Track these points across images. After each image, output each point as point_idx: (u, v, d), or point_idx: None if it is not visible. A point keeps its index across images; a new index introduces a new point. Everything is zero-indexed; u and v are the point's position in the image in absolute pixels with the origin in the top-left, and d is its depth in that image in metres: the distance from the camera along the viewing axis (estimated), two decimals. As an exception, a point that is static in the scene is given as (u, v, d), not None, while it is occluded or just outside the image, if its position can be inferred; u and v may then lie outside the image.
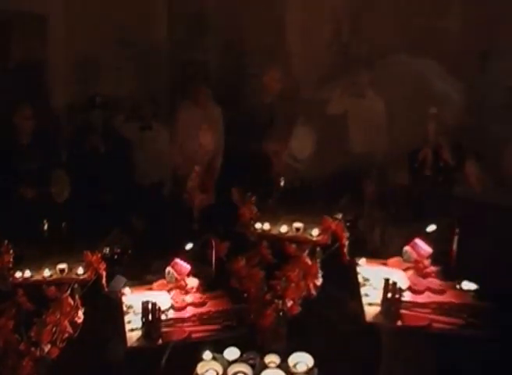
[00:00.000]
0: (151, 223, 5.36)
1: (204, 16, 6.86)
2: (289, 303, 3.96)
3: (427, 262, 4.29)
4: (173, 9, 6.86)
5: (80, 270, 4.33)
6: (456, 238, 4.43)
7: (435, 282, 4.17)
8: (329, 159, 5.75)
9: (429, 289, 4.10)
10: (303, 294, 4.01)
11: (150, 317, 3.82)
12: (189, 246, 4.56)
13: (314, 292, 4.05)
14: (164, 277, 4.29)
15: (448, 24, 6.34)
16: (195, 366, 3.55)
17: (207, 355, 3.63)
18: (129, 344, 3.77)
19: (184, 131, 6.06)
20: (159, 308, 3.85)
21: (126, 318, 3.96)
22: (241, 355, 3.64)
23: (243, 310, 3.98)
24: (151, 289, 4.21)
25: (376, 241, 5.10)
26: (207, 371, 3.56)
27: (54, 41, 6.47)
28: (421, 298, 4.02)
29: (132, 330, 3.86)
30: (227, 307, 4.00)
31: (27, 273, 4.36)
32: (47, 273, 4.36)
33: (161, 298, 4.04)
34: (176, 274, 4.23)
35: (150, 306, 3.82)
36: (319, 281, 4.10)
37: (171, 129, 6.13)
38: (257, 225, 4.74)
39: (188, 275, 4.22)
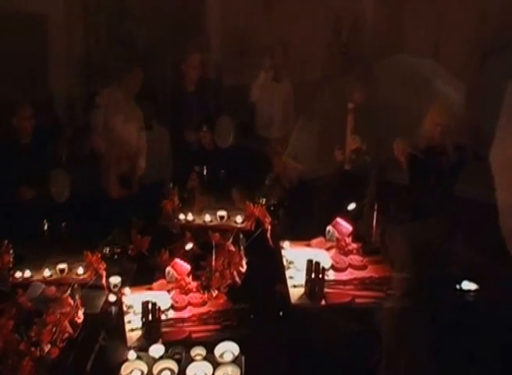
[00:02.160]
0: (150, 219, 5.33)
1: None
2: (215, 293, 4.02)
3: (348, 239, 4.42)
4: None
5: (80, 270, 4.35)
6: (375, 214, 4.51)
7: (356, 258, 4.31)
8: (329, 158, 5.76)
9: (351, 266, 4.24)
10: (228, 283, 4.07)
11: (150, 317, 3.83)
12: (189, 246, 4.56)
13: (238, 280, 4.10)
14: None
15: (448, 23, 6.33)
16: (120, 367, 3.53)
17: (131, 354, 3.60)
18: (129, 344, 3.77)
19: (107, 115, 5.84)
20: (159, 308, 3.86)
21: (126, 318, 3.97)
22: (166, 351, 3.63)
23: (243, 310, 3.99)
24: (151, 289, 4.22)
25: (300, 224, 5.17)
26: (131, 372, 3.53)
27: (54, 40, 6.47)
28: (344, 276, 4.16)
29: (132, 330, 3.87)
30: (227, 307, 4.00)
31: (27, 273, 4.37)
32: (47, 273, 4.38)
33: (161, 298, 4.04)
34: (175, 274, 4.23)
35: (150, 306, 3.82)
36: (244, 268, 4.16)
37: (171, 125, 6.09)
38: (181, 216, 4.78)
39: (188, 275, 4.22)
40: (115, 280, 4.34)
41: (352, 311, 3.94)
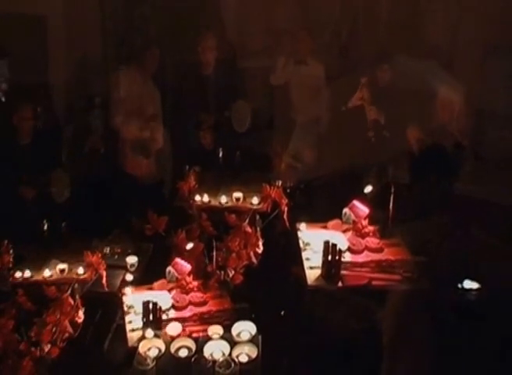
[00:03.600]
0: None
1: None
2: (231, 273, 4.02)
3: (365, 222, 4.40)
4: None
5: (80, 270, 4.33)
6: (392, 197, 4.51)
7: (373, 241, 4.29)
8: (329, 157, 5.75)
9: (368, 248, 4.23)
10: (244, 264, 4.07)
11: (151, 317, 3.81)
12: (189, 246, 4.54)
13: (255, 261, 4.11)
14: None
15: (448, 24, 6.34)
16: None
17: (148, 332, 3.62)
18: (130, 344, 3.74)
19: (124, 93, 5.90)
20: (160, 307, 3.84)
21: (127, 318, 3.94)
22: (184, 330, 3.65)
23: (243, 310, 3.97)
24: (151, 289, 4.20)
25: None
26: (149, 349, 3.55)
27: (53, 41, 6.47)
28: (360, 258, 4.16)
29: (133, 330, 3.84)
30: (228, 306, 3.98)
31: (27, 273, 4.35)
32: (47, 273, 4.35)
33: (162, 297, 4.03)
34: (176, 274, 4.22)
35: (151, 306, 3.81)
36: (260, 249, 4.17)
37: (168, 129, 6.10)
38: (197, 197, 4.79)
39: (189, 275, 4.21)
40: (132, 259, 4.37)
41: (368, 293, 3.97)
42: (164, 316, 3.89)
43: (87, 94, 6.30)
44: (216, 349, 3.52)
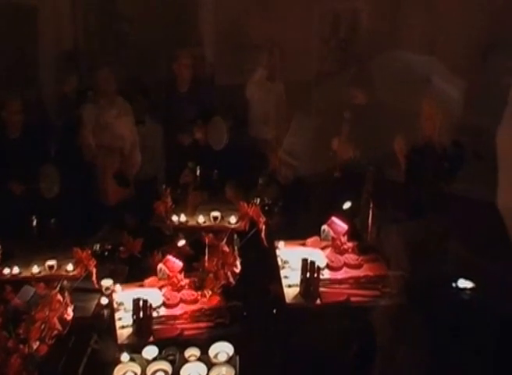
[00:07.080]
0: (143, 220, 5.26)
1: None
2: (209, 294, 3.98)
3: (344, 238, 4.40)
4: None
5: (70, 267, 4.28)
6: (371, 213, 4.50)
7: (352, 257, 4.30)
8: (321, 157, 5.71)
9: (346, 265, 4.24)
10: (222, 284, 4.04)
11: (141, 314, 3.77)
12: (181, 243, 4.51)
13: (232, 281, 4.08)
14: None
15: (447, 21, 6.31)
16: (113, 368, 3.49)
17: (124, 357, 3.56)
18: (119, 341, 3.71)
19: (93, 119, 5.69)
20: (150, 305, 3.80)
21: (117, 315, 3.91)
22: (160, 352, 3.59)
23: (235, 307, 3.94)
24: (142, 286, 4.16)
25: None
26: (125, 373, 3.49)
27: (44, 33, 6.40)
28: (339, 275, 4.15)
29: (123, 327, 3.81)
30: (220, 304, 3.95)
31: (16, 270, 4.30)
32: (35, 269, 4.31)
33: (153, 295, 3.99)
34: (167, 271, 4.18)
35: (141, 303, 3.76)
36: (238, 269, 4.14)
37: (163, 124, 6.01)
38: (174, 217, 4.76)
39: (180, 272, 4.16)
40: (107, 282, 4.26)
41: (347, 309, 3.91)
42: (154, 314, 3.86)
43: (79, 87, 6.22)
44: (193, 372, 3.46)
